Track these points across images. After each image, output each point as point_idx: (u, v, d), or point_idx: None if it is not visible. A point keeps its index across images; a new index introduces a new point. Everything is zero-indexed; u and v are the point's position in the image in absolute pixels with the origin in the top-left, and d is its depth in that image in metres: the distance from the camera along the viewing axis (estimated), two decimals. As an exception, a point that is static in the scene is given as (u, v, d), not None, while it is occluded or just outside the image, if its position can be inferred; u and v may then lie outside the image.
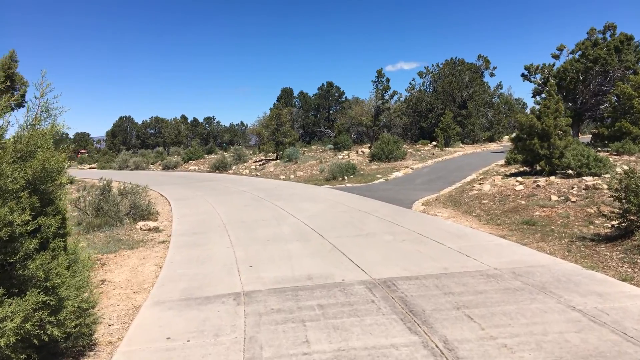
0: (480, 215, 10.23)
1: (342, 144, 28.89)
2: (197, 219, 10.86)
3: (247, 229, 9.36)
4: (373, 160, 22.77)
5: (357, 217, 10.16)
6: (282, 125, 29.00)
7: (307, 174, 22.03)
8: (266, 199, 13.97)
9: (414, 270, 6.07)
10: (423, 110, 36.96)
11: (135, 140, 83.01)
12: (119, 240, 8.70)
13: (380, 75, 28.32)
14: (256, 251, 7.44)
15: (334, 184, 17.57)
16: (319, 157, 26.12)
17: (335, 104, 56.37)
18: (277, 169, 25.60)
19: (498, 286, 5.37)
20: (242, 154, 31.84)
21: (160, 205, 13.91)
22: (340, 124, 44.01)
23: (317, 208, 11.70)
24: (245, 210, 11.94)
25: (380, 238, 8.03)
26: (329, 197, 13.64)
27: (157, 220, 10.93)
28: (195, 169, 32.37)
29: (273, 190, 16.20)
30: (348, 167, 18.97)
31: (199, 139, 64.05)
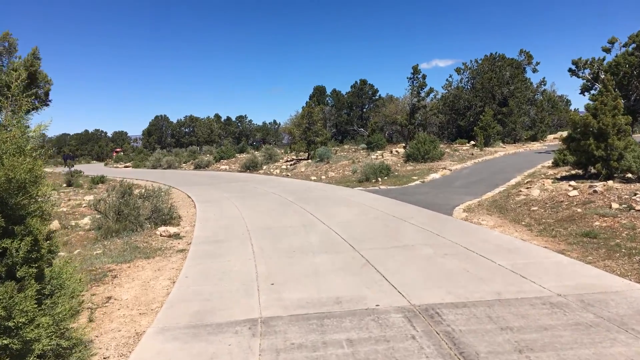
0: (530, 224, 9.17)
1: (376, 143, 27.91)
2: (221, 224, 10.24)
3: (272, 237, 8.64)
4: (408, 161, 21.74)
5: (392, 225, 9.28)
6: (313, 124, 28.28)
7: (339, 175, 21.22)
8: (295, 202, 13.25)
9: (461, 294, 5.18)
10: (460, 108, 35.50)
11: (170, 139, 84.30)
12: (135, 248, 8.14)
13: (416, 71, 27.12)
14: (280, 265, 6.70)
15: (367, 186, 16.70)
16: (352, 157, 25.26)
17: (369, 102, 55.26)
18: (308, 169, 24.89)
19: (566, 320, 4.43)
20: (273, 154, 31.32)
21: (185, 207, 13.41)
22: (373, 123, 42.98)
23: (349, 214, 10.88)
24: (272, 215, 11.24)
25: (418, 251, 7.15)
26: (362, 201, 12.80)
27: (179, 225, 10.37)
28: (226, 169, 32.07)
29: (303, 193, 15.48)
30: (382, 168, 18.05)
31: (231, 138, 64.17)
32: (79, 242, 9.34)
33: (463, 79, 37.35)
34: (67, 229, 10.86)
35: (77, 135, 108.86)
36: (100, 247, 8.43)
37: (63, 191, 20.23)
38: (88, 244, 8.91)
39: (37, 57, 11.48)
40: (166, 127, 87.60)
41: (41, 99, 11.85)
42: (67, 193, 19.37)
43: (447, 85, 36.66)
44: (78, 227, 10.92)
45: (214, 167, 34.20)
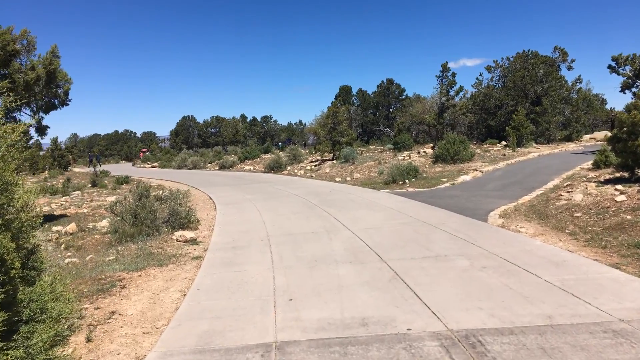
0: (575, 232, 8.35)
1: (403, 143, 27.11)
2: (240, 229, 9.75)
3: (293, 244, 8.09)
4: (437, 162, 20.90)
5: (422, 232, 8.61)
6: (339, 124, 27.67)
7: (365, 176, 20.55)
8: (318, 205, 12.68)
9: (505, 317, 4.51)
10: (491, 107, 34.27)
11: (196, 139, 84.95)
12: (149, 255, 7.72)
13: (445, 69, 26.15)
14: (300, 276, 6.14)
15: (394, 188, 16.00)
16: (378, 158, 24.56)
17: (395, 102, 54.30)
18: (333, 170, 24.31)
19: (635, 354, 3.72)
20: (298, 154, 30.84)
21: (206, 210, 13.01)
22: (400, 123, 42.10)
23: (375, 218, 10.25)
24: (294, 219, 10.70)
25: (453, 263, 6.47)
26: (389, 205, 12.14)
27: (197, 230, 9.93)
28: (251, 169, 31.77)
29: (327, 195, 14.90)
30: (409, 170, 17.31)
31: (256, 138, 64.09)
32: (93, 246, 9.00)
33: (494, 77, 36.10)
34: (84, 232, 10.57)
35: (108, 136, 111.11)
36: (114, 252, 8.05)
37: (87, 191, 20.21)
38: (102, 249, 8.56)
39: (57, 55, 11.25)
40: (193, 128, 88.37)
41: (60, 99, 11.60)
42: (91, 194, 19.31)
43: (477, 84, 35.48)
44: (95, 230, 10.62)
45: (238, 168, 33.97)
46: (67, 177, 25.78)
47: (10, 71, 10.02)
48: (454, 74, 26.28)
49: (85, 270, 7.11)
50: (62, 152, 43.90)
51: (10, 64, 10.11)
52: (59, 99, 11.77)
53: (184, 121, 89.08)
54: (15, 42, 10.30)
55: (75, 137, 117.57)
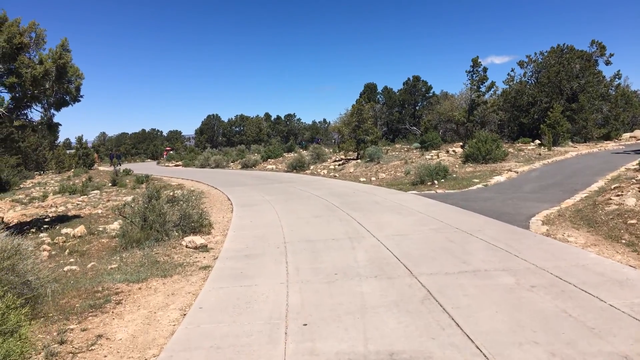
0: (633, 243, 7.30)
1: (430, 142, 25.99)
2: (256, 233, 9.02)
3: (312, 253, 7.30)
4: (467, 162, 19.80)
5: (456, 240, 7.70)
6: (363, 122, 26.75)
7: (390, 176, 19.62)
8: (341, 207, 11.86)
9: (570, 358, 3.61)
10: (523, 105, 32.69)
11: (221, 138, 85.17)
12: (154, 263, 7.05)
13: (476, 64, 24.85)
14: (317, 294, 5.34)
15: (422, 190, 15.05)
16: (404, 157, 23.56)
17: (422, 100, 52.93)
18: (357, 169, 23.43)
19: None
20: (321, 153, 30.05)
21: (222, 212, 12.34)
22: (427, 121, 40.84)
23: (403, 224, 9.37)
24: (314, 223, 9.91)
25: (495, 280, 5.57)
26: (417, 208, 11.23)
27: (210, 234, 9.24)
28: (273, 168, 31.16)
29: (350, 196, 14.07)
30: (438, 170, 16.31)
31: (279, 137, 63.58)
32: (98, 252, 8.41)
33: (526, 73, 34.48)
34: (93, 235, 10.03)
35: (135, 134, 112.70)
36: (118, 260, 7.42)
37: (106, 191, 19.89)
38: (107, 255, 7.94)
39: (67, 49, 10.75)
40: (218, 126, 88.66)
41: (72, 95, 11.09)
42: (109, 193, 18.96)
43: (508, 80, 33.94)
44: (105, 233, 10.07)
45: (261, 167, 33.42)
46: (89, 176, 25.66)
47: (17, 65, 9.55)
48: (485, 68, 25.01)
49: (85, 280, 6.49)
50: (87, 150, 44.28)
51: (18, 58, 9.63)
52: (70, 94, 11.28)
53: (209, 120, 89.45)
54: (23, 35, 9.83)
55: (104, 135, 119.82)
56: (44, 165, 43.39)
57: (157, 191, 9.20)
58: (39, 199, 18.18)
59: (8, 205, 17.77)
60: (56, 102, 11.15)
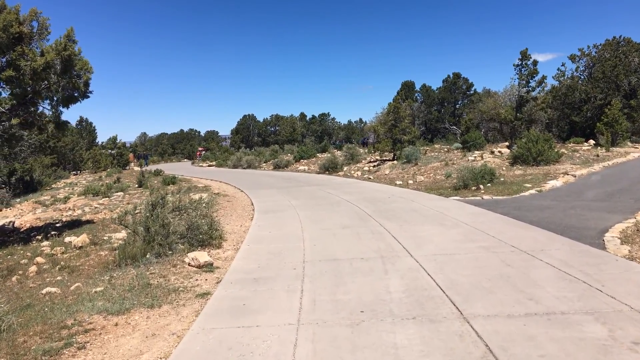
0: None
1: (473, 142, 24.10)
2: (273, 248, 7.76)
3: (334, 277, 5.96)
4: (516, 164, 17.94)
5: (515, 264, 6.18)
6: (400, 121, 25.16)
7: (430, 180, 18.01)
8: (374, 216, 10.47)
9: None
10: (575, 102, 30.22)
11: (256, 138, 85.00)
12: (145, 287, 5.89)
13: (525, 56, 22.63)
14: (334, 344, 4.00)
15: (466, 195, 13.43)
16: (444, 158, 21.85)
17: (462, 97, 50.63)
18: (393, 171, 21.89)
19: None
20: (355, 153, 28.61)
21: (241, 219, 11.17)
22: (467, 120, 38.73)
23: (446, 239, 7.89)
24: (342, 236, 8.56)
25: (579, 331, 4.07)
26: (462, 218, 9.70)
27: (221, 247, 8.05)
28: (305, 169, 29.96)
29: (385, 202, 12.63)
30: (484, 173, 14.63)
31: (313, 137, 62.41)
32: (91, 268, 7.36)
33: (579, 68, 31.88)
34: (95, 246, 9.04)
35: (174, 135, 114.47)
36: (106, 280, 6.31)
37: (130, 192, 19.19)
38: (97, 273, 6.86)
39: (72, 40, 9.85)
40: (253, 126, 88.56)
41: (80, 90, 10.17)
42: (133, 195, 18.22)
43: (558, 75, 31.47)
44: (108, 243, 9.06)
45: (293, 168, 32.31)
46: (118, 177, 25.23)
47: (14, 57, 8.67)
48: (536, 61, 22.77)
49: (61, 307, 5.39)
50: (121, 150, 44.48)
51: (15, 49, 8.76)
52: (78, 90, 10.36)
53: (245, 120, 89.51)
54: (23, 24, 8.95)
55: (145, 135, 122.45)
56: (81, 165, 43.88)
57: (163, 198, 8.09)
58: (61, 200, 17.65)
59: (30, 207, 17.31)
60: (63, 99, 10.27)
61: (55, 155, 36.03)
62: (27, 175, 26.81)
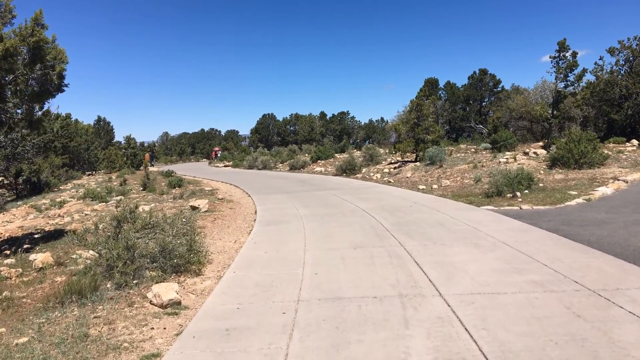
0: None
1: (504, 142, 22.10)
2: (263, 278, 6.18)
3: (334, 333, 4.33)
4: (554, 166, 15.97)
5: (586, 314, 4.45)
6: (423, 119, 23.32)
7: (456, 184, 16.19)
8: (393, 231, 8.80)
9: None
10: (615, 98, 27.78)
11: (275, 138, 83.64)
12: (80, 340, 4.37)
13: (563, 47, 20.34)
14: None
15: (500, 204, 11.62)
16: (472, 160, 19.95)
17: (489, 95, 48.20)
18: (416, 174, 20.10)
19: None
20: (375, 154, 26.82)
21: (239, 232, 9.63)
22: (495, 118, 36.55)
23: (485, 267, 6.18)
24: (352, 260, 6.92)
25: None
26: (501, 236, 7.95)
27: (201, 275, 6.51)
28: (322, 171, 28.34)
29: (406, 212, 10.94)
30: (521, 177, 12.76)
31: (332, 137, 60.61)
32: (36, 301, 5.90)
33: (618, 61, 29.33)
34: (59, 267, 7.61)
35: (195, 134, 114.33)
36: (37, 326, 4.82)
37: (131, 196, 17.89)
38: (35, 312, 5.39)
39: (41, 24, 8.47)
40: (273, 126, 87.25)
41: (53, 83, 8.78)
42: (133, 199, 16.91)
43: (596, 70, 28.98)
44: (74, 264, 7.62)
45: (309, 169, 30.74)
46: (124, 179, 24.07)
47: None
48: (575, 53, 20.57)
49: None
50: (135, 150, 43.61)
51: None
52: (51, 83, 8.98)
53: (264, 119, 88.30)
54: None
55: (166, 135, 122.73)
56: (96, 165, 43.14)
57: (133, 211, 6.59)
58: (57, 205, 16.46)
59: (24, 212, 16.16)
60: (33, 94, 8.91)
61: (67, 156, 35.21)
62: (35, 176, 25.90)
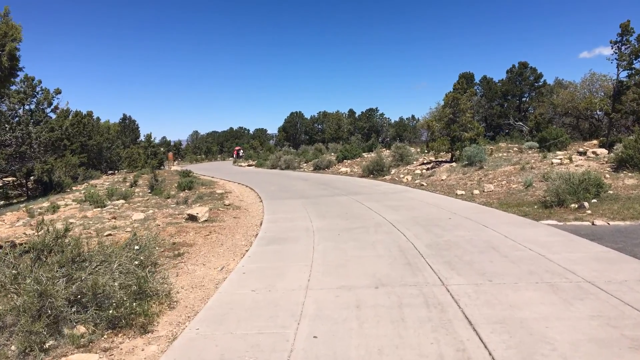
0: None
1: (554, 140, 19.42)
2: (234, 345, 4.12)
3: None
4: (621, 169, 13.34)
5: None
6: (460, 115, 20.85)
7: (502, 190, 13.77)
8: (430, 257, 6.62)
9: None
10: (681, 90, 24.57)
11: (303, 136, 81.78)
12: None
13: (627, 30, 17.45)
14: None
15: (566, 218, 9.25)
16: (517, 161, 17.42)
17: (530, 90, 44.85)
18: (452, 176, 17.71)
19: None
20: (405, 154, 24.45)
21: (230, 253, 7.63)
22: (538, 114, 33.50)
23: (575, 332, 3.94)
24: (371, 313, 4.78)
25: None
26: (583, 271, 5.67)
27: (147, 333, 4.49)
28: (347, 171, 26.18)
29: (444, 228, 8.71)
30: (588, 184, 10.32)
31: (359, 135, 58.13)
32: None
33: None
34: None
35: (224, 133, 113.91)
36: None
37: (133, 200, 16.19)
38: None
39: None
40: (300, 124, 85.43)
41: (2, 67, 6.99)
42: (133, 204, 15.19)
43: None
44: None
45: (335, 169, 28.61)
46: (134, 180, 22.55)
47: None
48: (643, 35, 17.63)
49: None
50: (156, 149, 42.44)
51: None
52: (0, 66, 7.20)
53: (292, 117, 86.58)
54: None
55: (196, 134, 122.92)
56: (118, 164, 42.23)
57: (58, 237, 4.64)
58: (52, 209, 14.94)
59: (16, 217, 14.69)
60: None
61: (86, 154, 34.19)
62: (46, 176, 24.76)
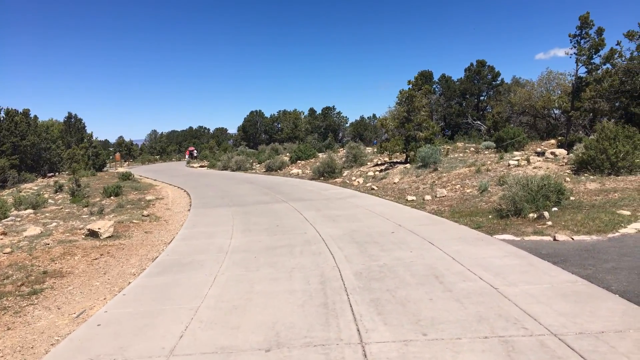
0: None
1: (511, 140, 18.45)
2: None
3: None
4: (582, 171, 12.35)
5: None
6: (415, 113, 19.65)
7: (456, 195, 12.52)
8: (355, 294, 5.13)
9: None
10: (636, 89, 24.25)
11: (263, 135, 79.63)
12: None
13: (586, 23, 16.44)
14: None
15: (523, 230, 7.99)
16: (473, 162, 16.32)
17: (488, 89, 44.56)
18: (405, 179, 16.43)
19: None
20: (359, 154, 23.08)
21: (107, 289, 5.92)
22: (495, 113, 32.95)
23: None
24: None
25: None
26: (548, 318, 4.30)
27: None
28: (298, 173, 24.61)
29: (384, 248, 7.26)
30: (547, 190, 9.12)
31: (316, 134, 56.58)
32: None
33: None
34: None
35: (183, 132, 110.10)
36: None
37: (43, 211, 14.04)
38: None
39: None
40: (260, 123, 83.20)
41: None
42: (41, 215, 13.09)
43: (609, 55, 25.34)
44: None
45: (286, 171, 27.00)
46: (59, 185, 20.19)
47: None
48: (601, 29, 16.79)
49: None
50: (97, 150, 39.62)
51: None
52: None
53: (252, 116, 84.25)
54: None
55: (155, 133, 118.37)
56: (59, 166, 39.16)
57: None
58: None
59: None
60: None
61: (17, 156, 31.21)
62: (-39, 181, 22.10)
